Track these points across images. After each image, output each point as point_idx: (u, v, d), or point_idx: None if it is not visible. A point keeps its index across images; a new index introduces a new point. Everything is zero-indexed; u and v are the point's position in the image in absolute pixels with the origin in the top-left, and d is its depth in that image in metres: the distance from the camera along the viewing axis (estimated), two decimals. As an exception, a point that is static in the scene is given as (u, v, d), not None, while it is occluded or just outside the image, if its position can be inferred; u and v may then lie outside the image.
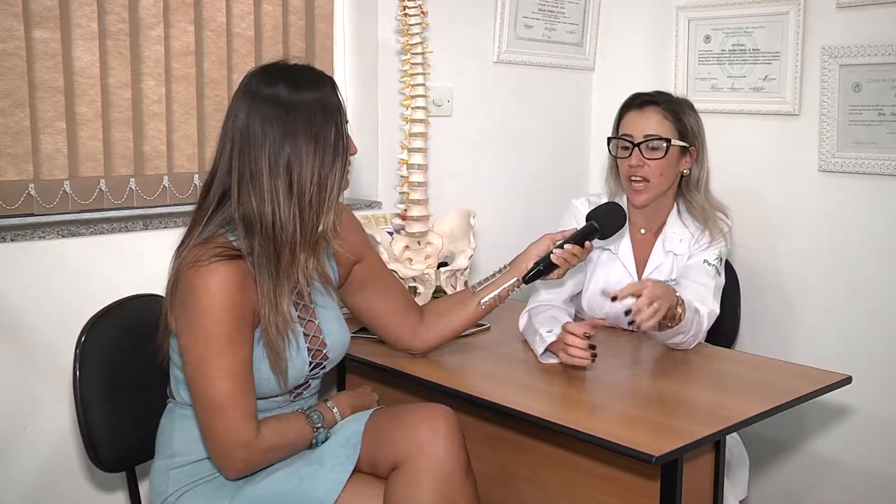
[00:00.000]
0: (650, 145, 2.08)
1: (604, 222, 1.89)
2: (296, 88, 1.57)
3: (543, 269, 1.85)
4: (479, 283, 1.93)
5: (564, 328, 1.83)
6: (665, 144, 2.08)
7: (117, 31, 2.07)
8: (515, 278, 1.88)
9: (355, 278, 1.84)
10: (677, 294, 1.87)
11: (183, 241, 1.60)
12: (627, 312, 1.73)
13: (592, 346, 1.78)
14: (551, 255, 1.85)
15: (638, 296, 1.73)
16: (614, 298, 1.75)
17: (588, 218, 1.91)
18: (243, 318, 1.53)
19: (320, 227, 1.59)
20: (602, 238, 1.91)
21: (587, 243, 1.86)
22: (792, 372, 1.90)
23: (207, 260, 1.49)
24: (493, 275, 1.92)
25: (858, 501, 2.55)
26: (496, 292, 1.89)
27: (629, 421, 1.60)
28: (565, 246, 1.85)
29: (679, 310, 1.86)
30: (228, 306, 1.50)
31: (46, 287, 1.97)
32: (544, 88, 2.94)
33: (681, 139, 2.10)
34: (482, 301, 1.89)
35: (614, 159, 2.18)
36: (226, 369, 1.50)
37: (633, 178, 2.10)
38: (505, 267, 1.92)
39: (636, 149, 2.09)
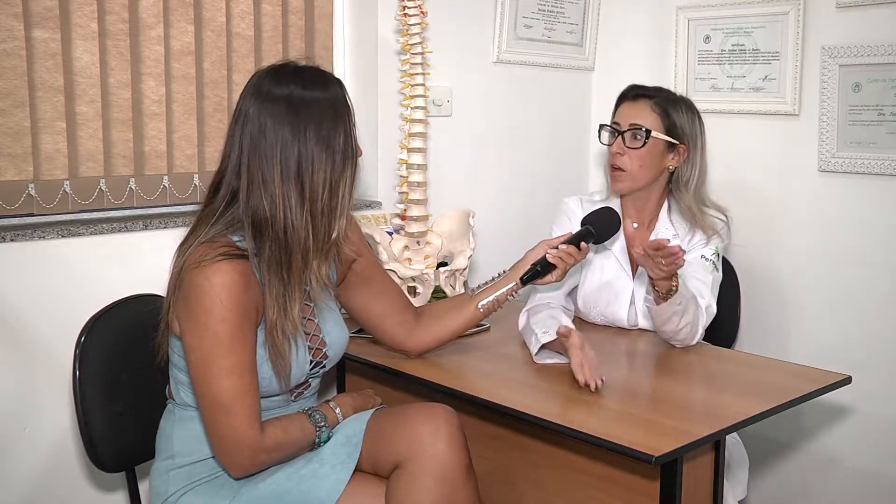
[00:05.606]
0: (633, 135, 2.12)
1: (599, 226, 1.93)
2: (306, 89, 1.56)
3: (541, 269, 1.88)
4: (478, 287, 1.93)
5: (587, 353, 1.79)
6: (645, 134, 2.11)
7: (117, 31, 2.07)
8: (514, 282, 1.89)
9: (352, 277, 1.84)
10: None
11: (186, 240, 1.59)
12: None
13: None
14: (547, 255, 1.87)
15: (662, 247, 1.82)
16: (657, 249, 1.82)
17: (584, 222, 1.94)
18: (247, 317, 1.52)
19: (333, 234, 1.58)
20: (597, 242, 1.97)
21: (583, 245, 1.89)
22: (791, 372, 1.91)
23: (212, 259, 1.49)
24: (493, 279, 1.93)
25: (858, 501, 2.55)
26: (494, 296, 1.89)
27: (629, 421, 1.61)
28: (560, 246, 1.88)
29: (675, 282, 1.90)
30: (234, 305, 1.49)
31: (46, 287, 1.97)
32: (544, 88, 2.94)
33: (667, 134, 2.13)
34: (480, 304, 1.89)
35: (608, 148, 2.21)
36: (231, 368, 1.49)
37: (614, 166, 2.15)
38: (504, 272, 1.93)
39: (620, 136, 2.14)
